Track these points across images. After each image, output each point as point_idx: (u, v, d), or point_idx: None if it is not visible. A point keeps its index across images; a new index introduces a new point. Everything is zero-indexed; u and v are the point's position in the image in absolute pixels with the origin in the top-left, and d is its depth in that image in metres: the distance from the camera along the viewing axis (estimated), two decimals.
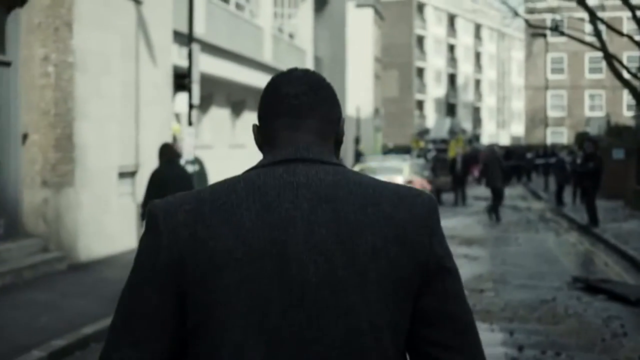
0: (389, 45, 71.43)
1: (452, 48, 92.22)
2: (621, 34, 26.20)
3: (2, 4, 11.46)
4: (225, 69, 21.89)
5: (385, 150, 52.34)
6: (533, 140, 65.92)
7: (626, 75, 26.82)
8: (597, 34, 25.55)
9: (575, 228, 19.88)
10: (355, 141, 45.50)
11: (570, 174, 26.41)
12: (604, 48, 25.22)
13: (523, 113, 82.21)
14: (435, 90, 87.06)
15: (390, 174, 22.11)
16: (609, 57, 25.13)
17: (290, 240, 1.64)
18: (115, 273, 11.70)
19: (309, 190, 1.68)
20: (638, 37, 25.42)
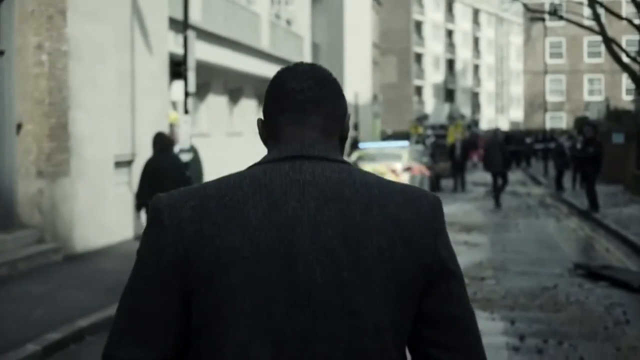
0: (387, 31, 71.16)
1: (450, 33, 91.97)
2: (620, 18, 26.03)
3: None
4: (222, 56, 21.73)
5: (384, 137, 52.20)
6: (532, 125, 65.80)
7: (625, 59, 26.65)
8: (596, 18, 25.37)
9: (576, 213, 19.79)
10: (354, 128, 45.35)
11: (570, 159, 26.32)
12: (602, 32, 25.05)
13: (522, 98, 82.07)
14: (433, 75, 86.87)
15: (389, 160, 21.94)
16: (608, 41, 24.95)
17: (297, 240, 1.64)
18: (112, 264, 11.60)
19: (315, 188, 1.68)
20: (637, 20, 25.25)
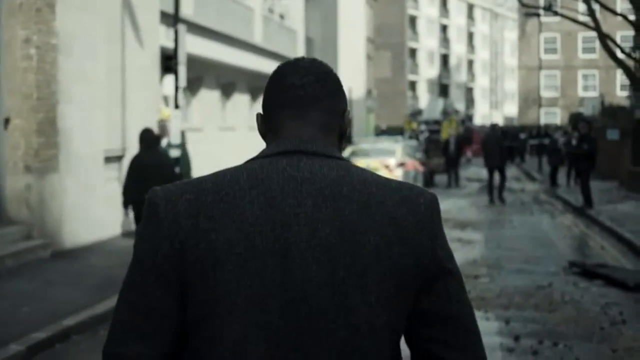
0: (381, 26, 70.98)
1: (444, 28, 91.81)
2: (615, 13, 25.95)
3: None
4: (214, 51, 21.54)
5: (378, 132, 52.09)
6: (526, 121, 65.73)
7: (620, 54, 26.58)
8: (591, 14, 25.27)
9: (570, 210, 19.68)
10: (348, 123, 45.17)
11: (564, 155, 26.22)
12: (597, 27, 24.94)
13: (516, 93, 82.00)
14: (428, 71, 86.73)
15: (383, 156, 21.80)
16: (602, 37, 24.86)
17: (294, 239, 1.62)
18: (102, 260, 11.44)
19: (313, 186, 1.66)
20: (632, 16, 25.15)
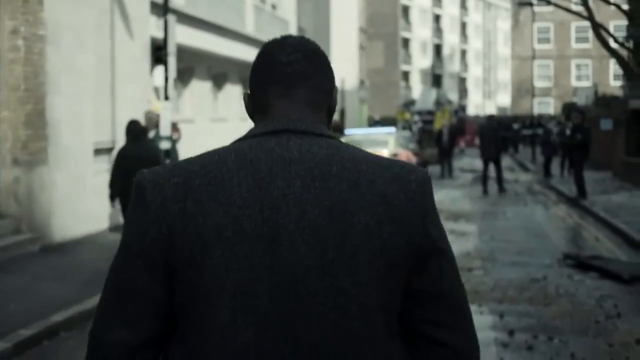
0: (374, 16, 70.77)
1: (437, 18, 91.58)
2: (608, 3, 25.88)
3: None
4: (206, 41, 21.36)
5: (372, 123, 51.94)
6: (519, 111, 65.67)
7: (613, 44, 26.49)
8: (584, 3, 25.17)
9: (564, 201, 19.59)
10: (341, 113, 45.03)
11: (558, 146, 26.15)
12: (591, 17, 24.85)
13: (509, 83, 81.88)
14: (420, 61, 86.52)
15: (376, 146, 21.67)
16: (596, 27, 24.78)
17: (282, 221, 1.60)
18: (92, 254, 11.31)
19: (302, 166, 1.63)
20: (625, 5, 25.06)
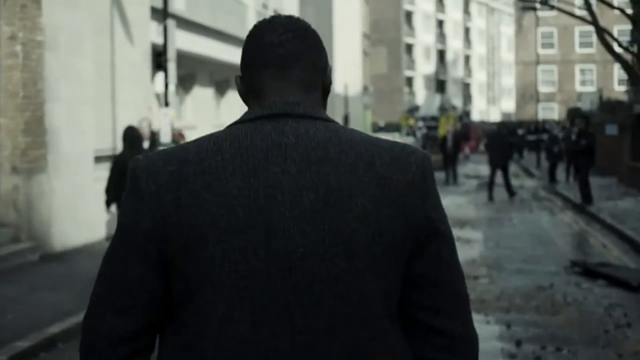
0: (377, 21, 70.72)
1: (441, 23, 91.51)
2: (612, 7, 25.70)
3: None
4: (207, 47, 21.23)
5: (376, 129, 51.80)
6: (524, 116, 65.45)
7: (617, 49, 26.30)
8: (588, 7, 24.99)
9: (570, 207, 19.41)
10: (344, 119, 44.89)
11: (563, 151, 26.00)
12: (594, 21, 24.66)
13: (513, 89, 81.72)
14: (424, 66, 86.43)
15: None
16: (600, 31, 24.58)
17: (277, 209, 1.57)
18: (92, 263, 11.12)
19: (297, 151, 1.60)
20: (629, 10, 24.89)
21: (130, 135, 9.37)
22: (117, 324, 1.63)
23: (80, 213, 12.45)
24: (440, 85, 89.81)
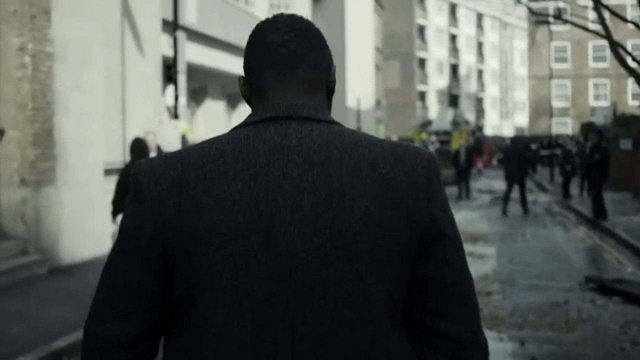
0: (389, 36, 70.71)
1: (454, 38, 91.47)
2: (626, 21, 25.52)
3: None
4: (219, 60, 21.20)
5: None
6: (537, 131, 65.18)
7: (631, 63, 26.15)
8: (602, 21, 24.85)
9: (584, 222, 19.21)
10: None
11: (577, 166, 25.83)
12: (608, 36, 24.51)
13: (526, 103, 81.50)
14: (437, 81, 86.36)
15: None
16: (613, 45, 24.43)
17: (278, 213, 1.55)
18: (99, 277, 11.04)
19: (300, 154, 1.58)
20: None
21: (138, 146, 9.33)
22: (117, 330, 1.62)
23: (88, 226, 12.37)
24: (453, 100, 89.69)
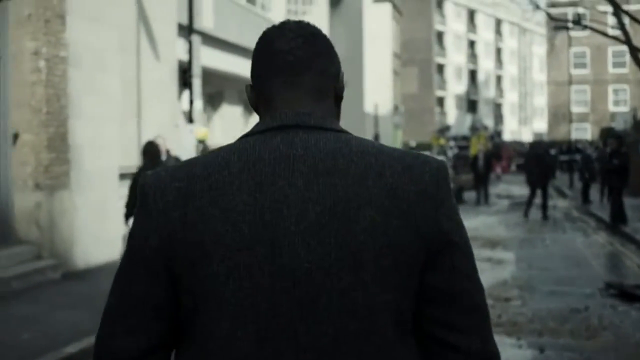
0: (408, 41, 70.58)
1: (472, 44, 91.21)
2: None
3: None
4: (236, 65, 21.12)
5: (408, 149, 51.54)
6: (556, 137, 64.81)
7: None
8: (621, 27, 24.62)
9: (604, 227, 18.98)
10: (375, 139, 44.69)
11: (597, 171, 25.61)
12: (628, 41, 24.27)
13: (545, 109, 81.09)
14: (455, 86, 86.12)
15: None
16: (633, 51, 24.18)
17: (283, 224, 1.54)
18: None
19: (305, 163, 1.56)
20: None
21: (150, 149, 9.28)
22: (128, 343, 1.61)
23: (102, 230, 12.29)
24: (471, 105, 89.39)
